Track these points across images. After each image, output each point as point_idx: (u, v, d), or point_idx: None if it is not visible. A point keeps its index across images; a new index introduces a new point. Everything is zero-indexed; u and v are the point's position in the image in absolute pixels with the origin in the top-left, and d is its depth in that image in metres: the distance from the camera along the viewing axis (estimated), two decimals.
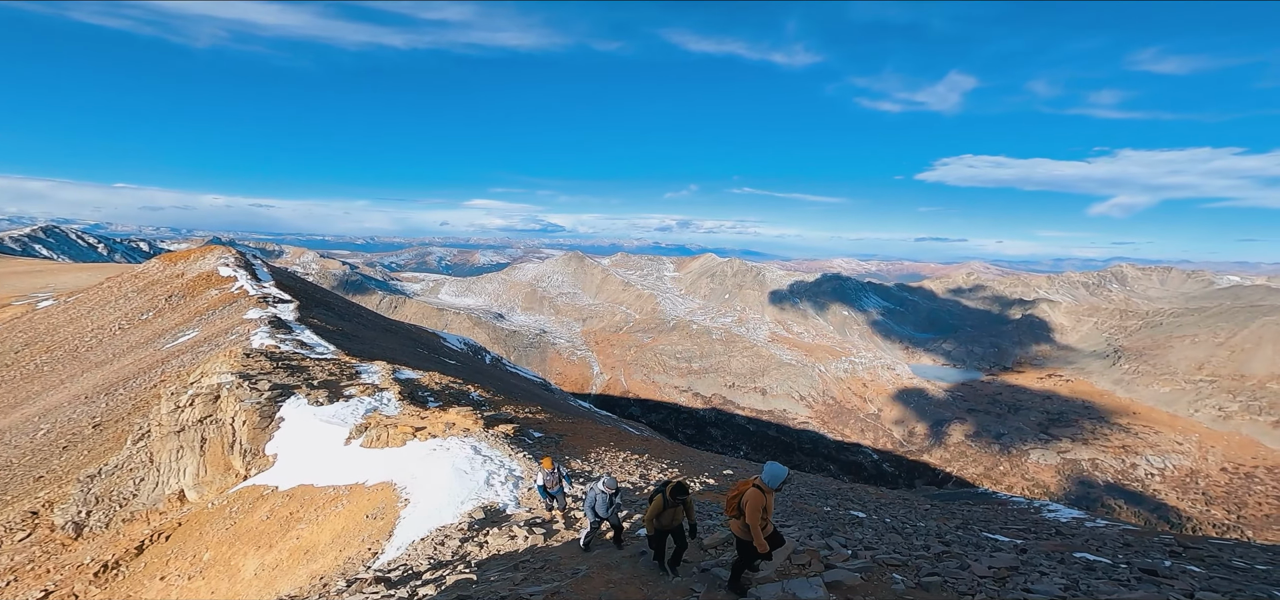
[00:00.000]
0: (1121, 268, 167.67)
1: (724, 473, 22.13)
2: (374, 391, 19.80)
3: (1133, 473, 79.32)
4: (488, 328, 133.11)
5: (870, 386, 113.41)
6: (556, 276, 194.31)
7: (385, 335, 44.27)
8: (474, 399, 24.41)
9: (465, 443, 13.86)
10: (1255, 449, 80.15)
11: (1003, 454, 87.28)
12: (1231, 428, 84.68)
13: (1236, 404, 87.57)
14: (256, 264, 55.84)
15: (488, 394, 26.51)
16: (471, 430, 15.93)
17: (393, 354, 33.86)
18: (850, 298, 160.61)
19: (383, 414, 16.76)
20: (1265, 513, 68.27)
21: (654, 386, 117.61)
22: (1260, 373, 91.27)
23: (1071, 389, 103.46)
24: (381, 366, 24.85)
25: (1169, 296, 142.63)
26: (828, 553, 7.34)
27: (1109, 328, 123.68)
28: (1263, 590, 7.40)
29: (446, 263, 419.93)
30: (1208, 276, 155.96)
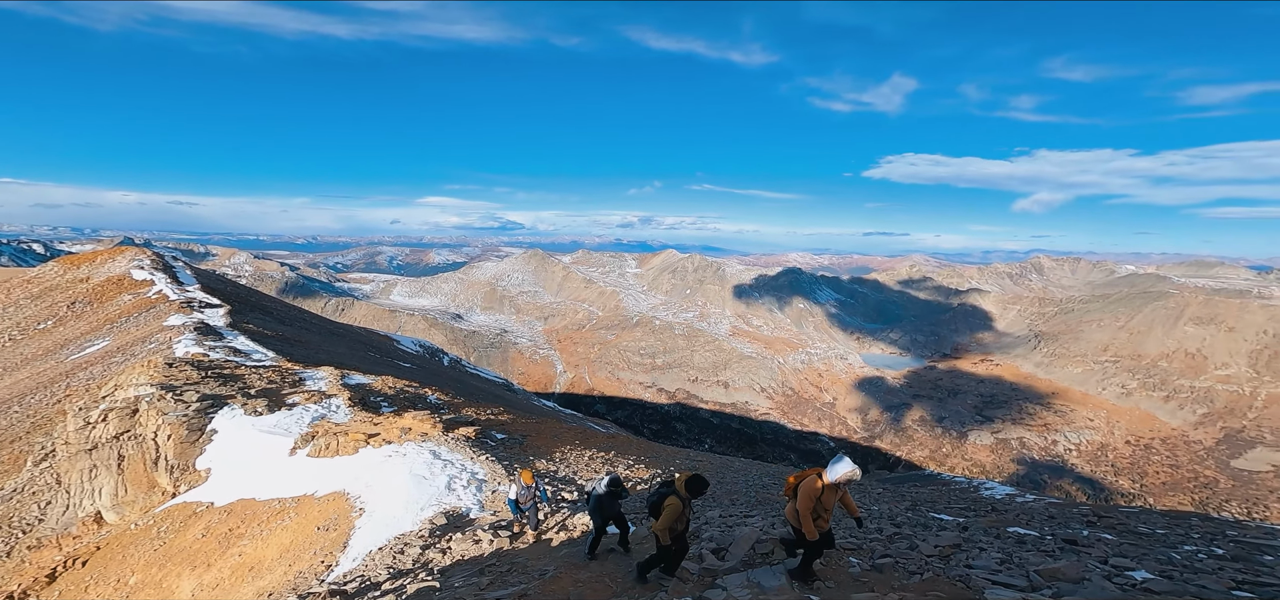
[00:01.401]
0: (1039, 259, 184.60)
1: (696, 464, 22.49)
2: (321, 398, 18.60)
3: (1054, 449, 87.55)
4: (445, 329, 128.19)
5: (825, 376, 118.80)
6: (517, 275, 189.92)
7: (332, 340, 41.67)
8: (432, 403, 23.47)
9: (423, 448, 13.30)
10: (1152, 422, 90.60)
11: (945, 436, 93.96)
12: (1132, 403, 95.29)
13: (1135, 381, 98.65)
14: (177, 266, 50.97)
15: (446, 397, 25.57)
16: (430, 435, 15.31)
17: (341, 359, 31.93)
18: (806, 291, 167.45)
19: (332, 422, 15.76)
20: (1162, 480, 77.30)
21: (619, 383, 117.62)
22: (1153, 352, 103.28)
23: (1002, 372, 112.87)
24: (329, 372, 23.38)
25: (1079, 285, 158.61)
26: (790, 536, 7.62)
27: (1031, 315, 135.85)
28: (1162, 553, 8.43)
29: (398, 262, 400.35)
30: (1110, 266, 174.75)
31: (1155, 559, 8.04)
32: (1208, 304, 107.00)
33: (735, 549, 6.91)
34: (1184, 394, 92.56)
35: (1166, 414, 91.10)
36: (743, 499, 14.73)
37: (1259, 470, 75.40)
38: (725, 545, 7.24)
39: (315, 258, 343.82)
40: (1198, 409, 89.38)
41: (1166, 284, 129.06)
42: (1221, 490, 72.48)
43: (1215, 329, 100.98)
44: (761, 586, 5.57)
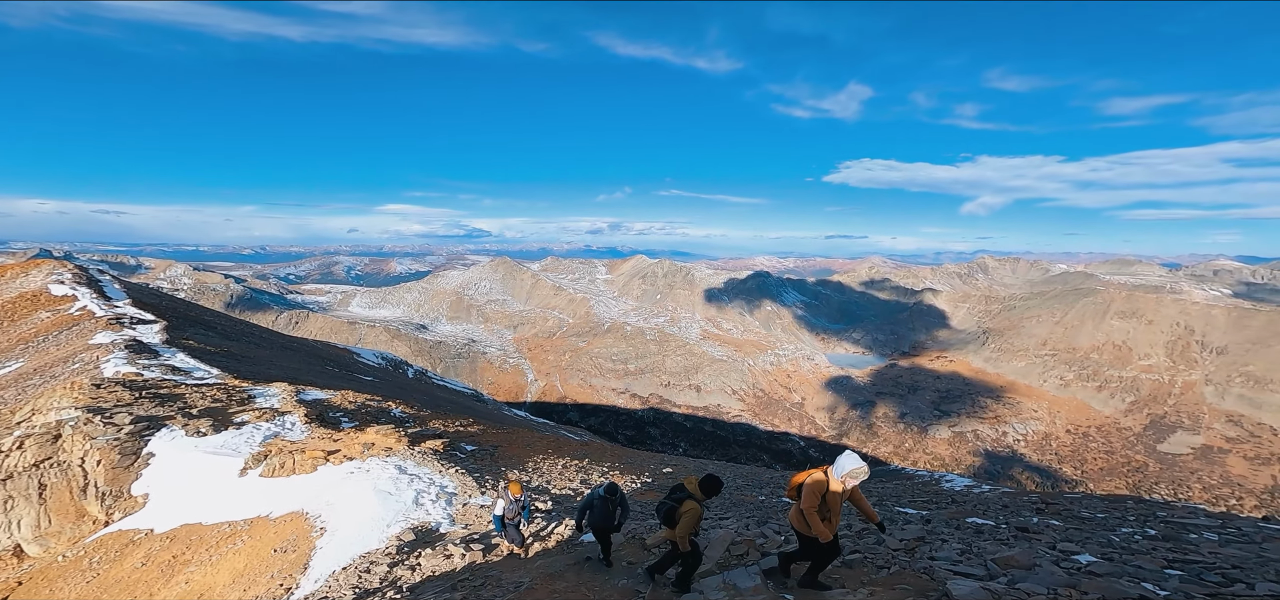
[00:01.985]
0: (985, 259, 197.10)
1: (664, 472, 22.51)
2: (274, 416, 17.47)
3: (1005, 440, 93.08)
4: (409, 340, 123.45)
5: (794, 377, 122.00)
6: (484, 283, 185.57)
7: (285, 354, 39.31)
8: (396, 416, 22.50)
9: (388, 463, 12.70)
10: (1088, 411, 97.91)
11: (908, 432, 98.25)
12: (1070, 394, 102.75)
13: (1072, 373, 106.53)
14: (104, 279, 46.91)
15: (412, 410, 24.60)
16: (395, 449, 14.65)
17: (296, 374, 30.15)
18: (773, 294, 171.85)
19: (286, 440, 14.81)
20: (1099, 466, 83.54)
21: (591, 390, 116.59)
22: (1085, 345, 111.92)
23: (956, 368, 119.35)
24: (282, 388, 22.04)
25: (1019, 283, 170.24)
26: (763, 541, 7.67)
27: (979, 312, 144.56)
28: (1103, 537, 9.12)
29: (357, 272, 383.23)
30: (1045, 265, 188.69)
31: (1097, 543, 8.67)
32: (1130, 299, 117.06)
33: (711, 552, 6.94)
34: (1114, 384, 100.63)
35: (1099, 403, 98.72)
36: (717, 502, 14.86)
37: (1180, 453, 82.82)
38: (701, 549, 7.29)
39: (265, 269, 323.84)
40: (1126, 397, 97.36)
41: (1094, 282, 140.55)
42: (1151, 473, 79.04)
43: (1137, 322, 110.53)
44: (737, 587, 5.58)
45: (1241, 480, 74.27)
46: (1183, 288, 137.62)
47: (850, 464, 5.14)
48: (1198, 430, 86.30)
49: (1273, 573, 6.46)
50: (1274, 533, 9.68)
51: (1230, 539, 8.92)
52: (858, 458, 5.16)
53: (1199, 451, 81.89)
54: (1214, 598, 5.18)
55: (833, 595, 5.44)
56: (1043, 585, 5.13)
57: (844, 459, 5.24)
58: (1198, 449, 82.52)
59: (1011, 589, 5.07)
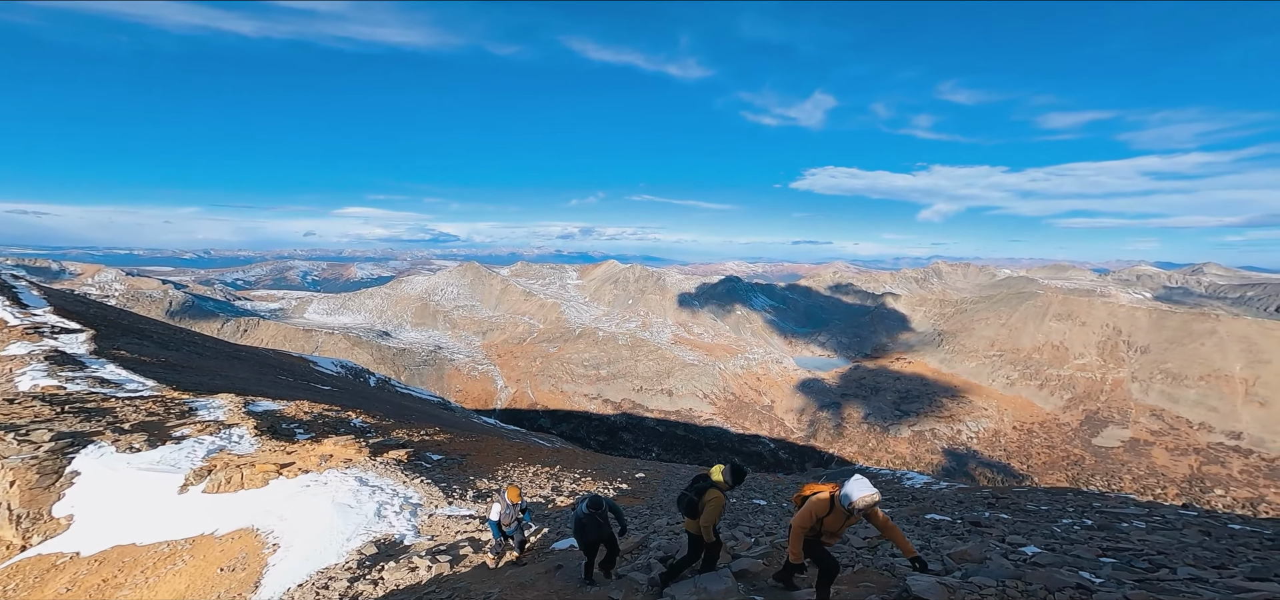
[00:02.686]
0: (939, 265, 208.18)
1: (636, 476, 22.46)
2: (219, 429, 16.33)
3: (959, 438, 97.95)
4: (371, 347, 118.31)
5: (763, 380, 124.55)
6: (451, 288, 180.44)
7: (232, 364, 36.88)
8: (356, 426, 21.49)
9: (348, 475, 12.10)
10: (1032, 409, 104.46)
11: (872, 432, 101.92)
12: (1016, 392, 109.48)
13: (1017, 372, 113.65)
14: (20, 286, 42.74)
15: (373, 419, 23.56)
16: (355, 460, 13.98)
17: (245, 385, 28.32)
18: (743, 299, 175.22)
19: (233, 454, 13.86)
20: (1043, 461, 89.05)
21: (563, 396, 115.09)
22: (1027, 346, 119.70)
23: (916, 369, 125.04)
24: (228, 399, 20.66)
25: (970, 287, 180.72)
26: (734, 543, 7.81)
27: (934, 315, 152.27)
28: (1047, 529, 9.80)
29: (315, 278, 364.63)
30: (992, 270, 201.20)
31: (1042, 534, 9.29)
32: (1066, 302, 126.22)
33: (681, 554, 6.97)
34: (1053, 382, 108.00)
35: (1041, 400, 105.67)
36: None
37: (1112, 446, 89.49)
38: (672, 553, 7.26)
39: (209, 273, 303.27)
40: (1064, 394, 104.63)
41: (1035, 286, 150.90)
42: (1088, 466, 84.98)
43: (1072, 324, 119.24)
44: (707, 590, 5.60)
45: (1164, 470, 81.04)
46: (1111, 292, 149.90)
47: (859, 491, 4.70)
48: (1126, 424, 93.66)
49: (1191, 557, 7.09)
50: (1193, 519, 10.64)
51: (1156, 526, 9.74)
52: (868, 484, 4.72)
53: (1128, 444, 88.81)
54: (1142, 583, 5.59)
55: (800, 595, 5.50)
56: (993, 577, 5.41)
57: (853, 485, 4.79)
58: (1126, 442, 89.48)
59: (965, 583, 5.32)
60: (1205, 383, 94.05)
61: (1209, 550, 7.63)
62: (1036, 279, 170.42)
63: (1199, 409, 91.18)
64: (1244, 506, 69.29)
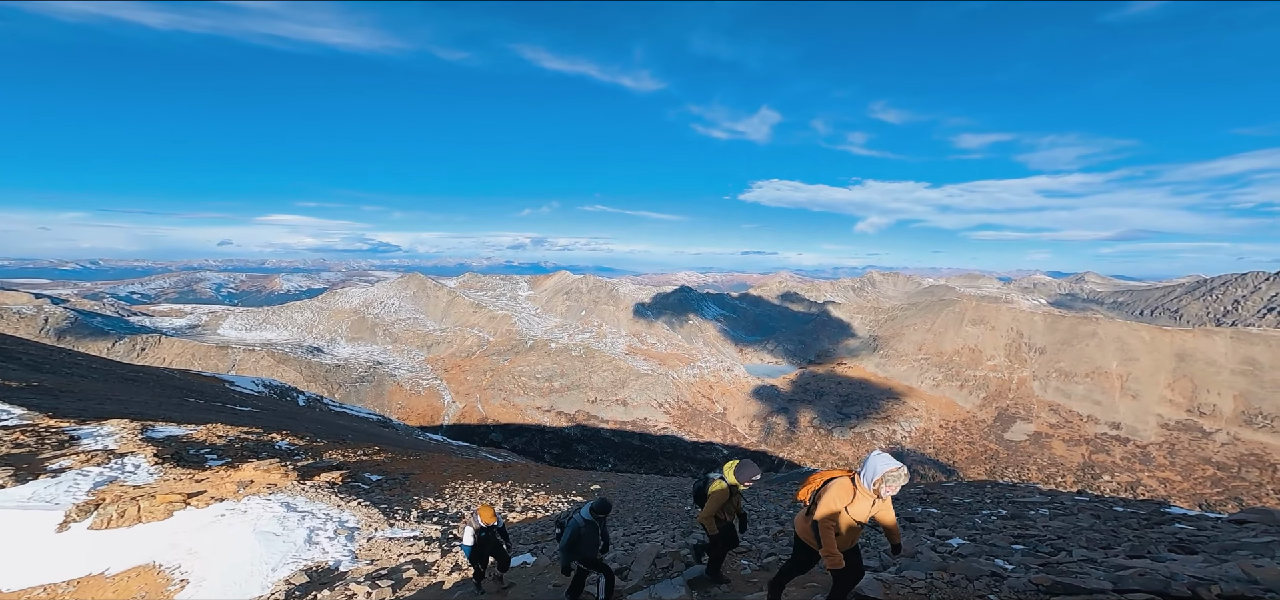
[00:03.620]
0: (872, 274, 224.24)
1: (592, 488, 22.14)
2: (108, 459, 14.27)
3: (894, 437, 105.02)
4: (299, 364, 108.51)
5: (716, 388, 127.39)
6: (392, 301, 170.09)
7: (125, 387, 32.48)
8: (282, 449, 19.56)
9: (272, 501, 10.96)
10: (955, 408, 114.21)
11: (817, 435, 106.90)
12: (941, 393, 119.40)
13: (941, 374, 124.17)
14: None
15: (302, 441, 21.58)
16: (280, 485, 12.72)
17: (142, 409, 24.98)
18: (695, 308, 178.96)
19: (127, 485, 12.13)
20: (966, 456, 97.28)
21: (515, 409, 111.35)
22: (949, 349, 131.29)
23: (855, 373, 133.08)
24: (120, 426, 18.14)
25: (899, 295, 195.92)
26: (687, 552, 7.84)
27: (870, 322, 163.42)
28: (970, 520, 10.73)
29: (231, 291, 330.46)
30: (918, 279, 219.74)
31: (965, 526, 10.15)
32: (978, 309, 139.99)
33: (637, 567, 6.93)
34: (971, 382, 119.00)
35: (962, 399, 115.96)
36: (645, 515, 14.90)
37: (1020, 440, 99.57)
38: (627, 564, 7.20)
39: (97, 286, 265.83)
40: (980, 393, 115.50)
41: (953, 294, 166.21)
42: (1002, 460, 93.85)
43: (984, 328, 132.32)
44: (661, 599, 5.61)
45: (1063, 460, 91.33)
46: (1013, 298, 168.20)
47: (886, 465, 3.96)
48: (1031, 419, 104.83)
49: (1084, 539, 8.05)
50: (1085, 504, 12.07)
51: (1057, 512, 10.96)
52: (892, 458, 4.07)
53: (1033, 437, 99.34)
54: (1045, 566, 6.23)
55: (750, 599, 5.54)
56: (923, 570, 5.80)
57: (876, 460, 4.06)
58: (1032, 435, 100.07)
59: (899, 577, 5.66)
60: (1090, 379, 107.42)
61: (1098, 532, 8.66)
62: (954, 287, 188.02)
63: (1086, 403, 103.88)
64: (1125, 490, 79.44)
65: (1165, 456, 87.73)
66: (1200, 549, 6.89)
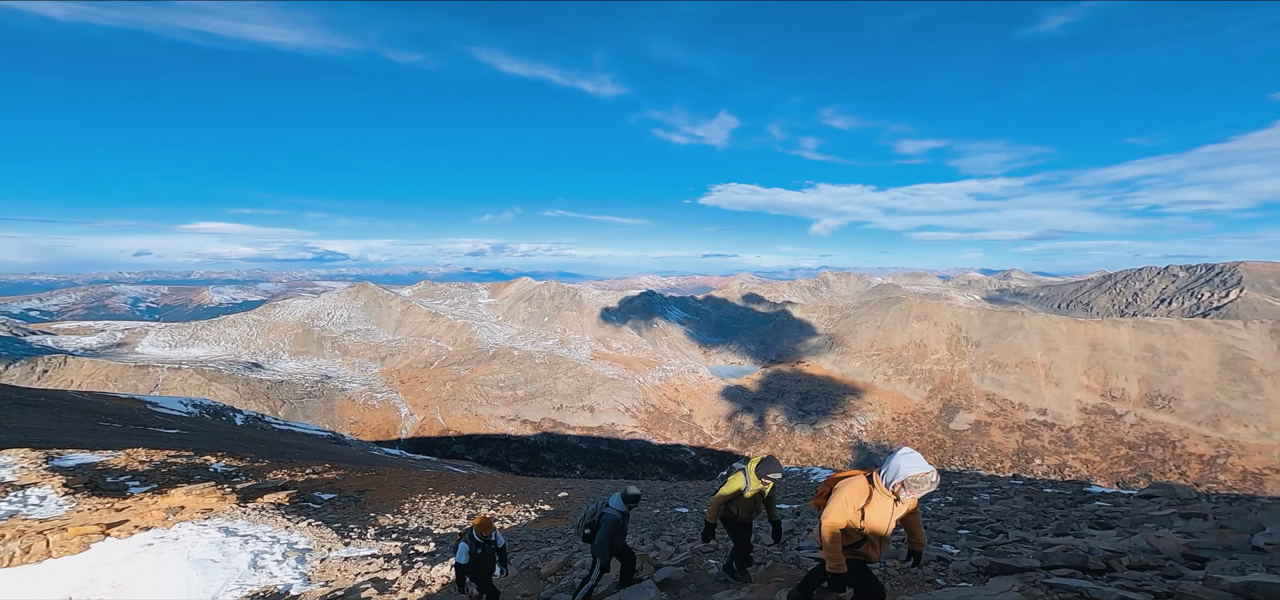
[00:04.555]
0: (826, 275, 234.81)
1: (559, 496, 21.75)
2: (6, 492, 12.59)
3: (852, 431, 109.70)
4: (235, 381, 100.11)
5: (681, 390, 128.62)
6: (340, 312, 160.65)
7: (23, 412, 28.85)
8: (217, 472, 17.97)
9: (208, 526, 10.03)
10: (905, 401, 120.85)
11: (780, 433, 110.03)
12: (892, 387, 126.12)
13: (891, 369, 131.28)
14: None
15: (241, 462, 19.93)
16: (217, 509, 11.68)
17: (47, 436, 22.24)
18: (660, 312, 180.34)
19: (32, 519, 10.72)
20: (918, 446, 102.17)
21: (478, 420, 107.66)
22: (897, 345, 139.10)
23: (814, 371, 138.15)
24: (19, 455, 16.10)
25: (851, 294, 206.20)
26: (656, 553, 7.94)
27: (825, 321, 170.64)
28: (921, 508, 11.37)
29: (151, 305, 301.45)
30: (867, 279, 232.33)
31: None
32: (922, 306, 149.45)
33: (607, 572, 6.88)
34: (918, 376, 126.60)
35: (911, 392, 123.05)
36: None
37: (963, 429, 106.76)
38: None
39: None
40: (926, 386, 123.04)
41: (900, 292, 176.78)
42: (948, 449, 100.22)
43: (928, 324, 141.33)
44: None
45: (1000, 447, 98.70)
46: (952, 295, 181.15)
47: (910, 467, 3.51)
48: (971, 409, 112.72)
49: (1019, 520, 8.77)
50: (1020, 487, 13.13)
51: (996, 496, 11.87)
52: (920, 459, 3.56)
53: (973, 426, 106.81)
54: (986, 548, 6.72)
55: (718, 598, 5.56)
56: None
57: (900, 460, 3.60)
58: (973, 424, 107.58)
59: None
60: (1019, 369, 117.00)
61: (1031, 513, 9.44)
62: (900, 286, 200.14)
63: (1017, 391, 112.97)
64: (1054, 472, 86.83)
65: (1086, 439, 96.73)
66: (1115, 524, 7.67)
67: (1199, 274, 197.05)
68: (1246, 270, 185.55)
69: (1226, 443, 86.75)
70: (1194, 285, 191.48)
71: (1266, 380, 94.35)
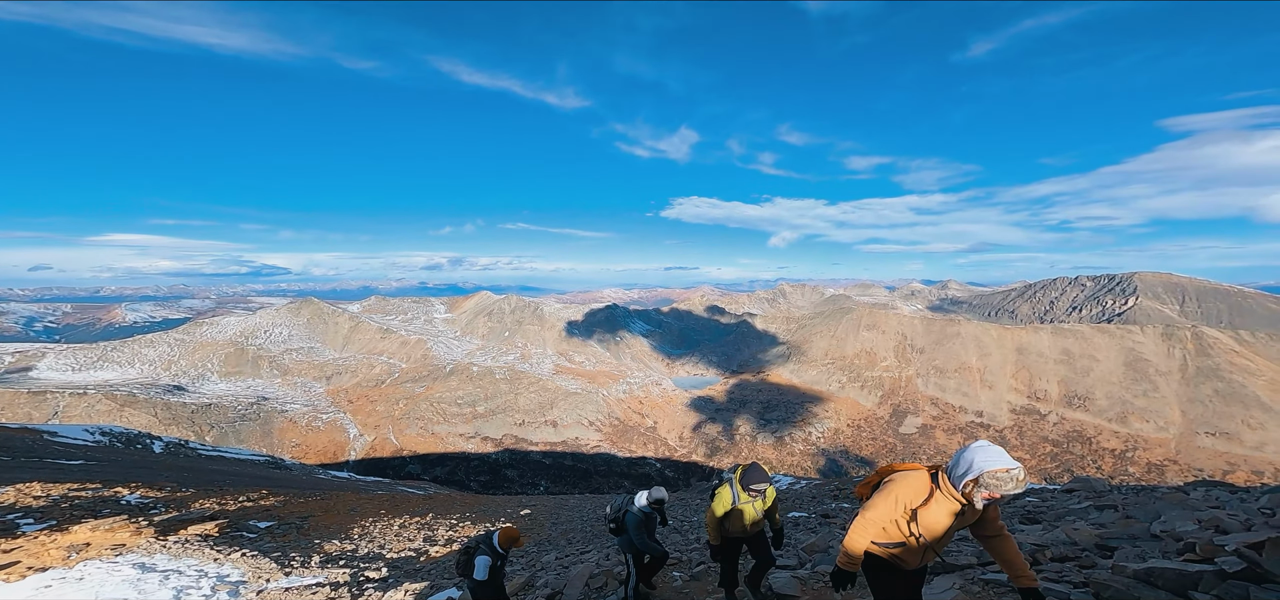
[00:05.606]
0: (783, 286, 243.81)
1: (521, 513, 21.00)
2: None
3: (811, 438, 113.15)
4: (153, 406, 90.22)
5: (645, 403, 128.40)
6: (280, 329, 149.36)
7: None
8: (131, 504, 16.02)
9: (119, 563, 8.87)
10: (858, 407, 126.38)
11: (743, 442, 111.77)
12: (846, 394, 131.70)
13: (845, 377, 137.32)
14: None
15: (161, 492, 17.89)
16: (130, 544, 10.39)
17: None
18: (623, 325, 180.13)
19: None
20: (870, 451, 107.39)
21: (435, 438, 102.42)
22: (850, 353, 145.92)
23: (773, 380, 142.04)
24: None
25: (807, 305, 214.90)
26: (621, 569, 7.75)
27: (784, 331, 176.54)
28: None
29: (49, 324, 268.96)
30: (821, 290, 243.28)
31: None
32: (871, 315, 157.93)
33: (569, 590, 6.74)
34: (870, 383, 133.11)
35: (863, 399, 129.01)
36: (578, 536, 14.50)
37: (911, 433, 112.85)
38: (560, 588, 6.93)
39: None
40: (877, 392, 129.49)
41: (851, 302, 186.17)
42: (899, 451, 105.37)
43: (877, 333, 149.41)
44: None
45: (944, 448, 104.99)
46: (898, 305, 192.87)
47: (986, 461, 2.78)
48: (918, 413, 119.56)
49: None
50: None
51: None
52: (1000, 452, 2.82)
53: (920, 429, 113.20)
54: None
55: None
56: (833, 563, 6.14)
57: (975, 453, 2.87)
58: (919, 427, 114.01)
59: (814, 573, 5.99)
60: (958, 374, 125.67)
61: None
62: (851, 296, 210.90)
63: (957, 395, 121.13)
64: None
65: (1016, 437, 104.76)
66: (1042, 518, 8.28)
67: (1103, 283, 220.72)
68: (1140, 280, 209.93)
69: (1133, 437, 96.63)
70: (1099, 294, 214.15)
71: (1161, 379, 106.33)
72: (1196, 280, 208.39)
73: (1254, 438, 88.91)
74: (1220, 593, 3.62)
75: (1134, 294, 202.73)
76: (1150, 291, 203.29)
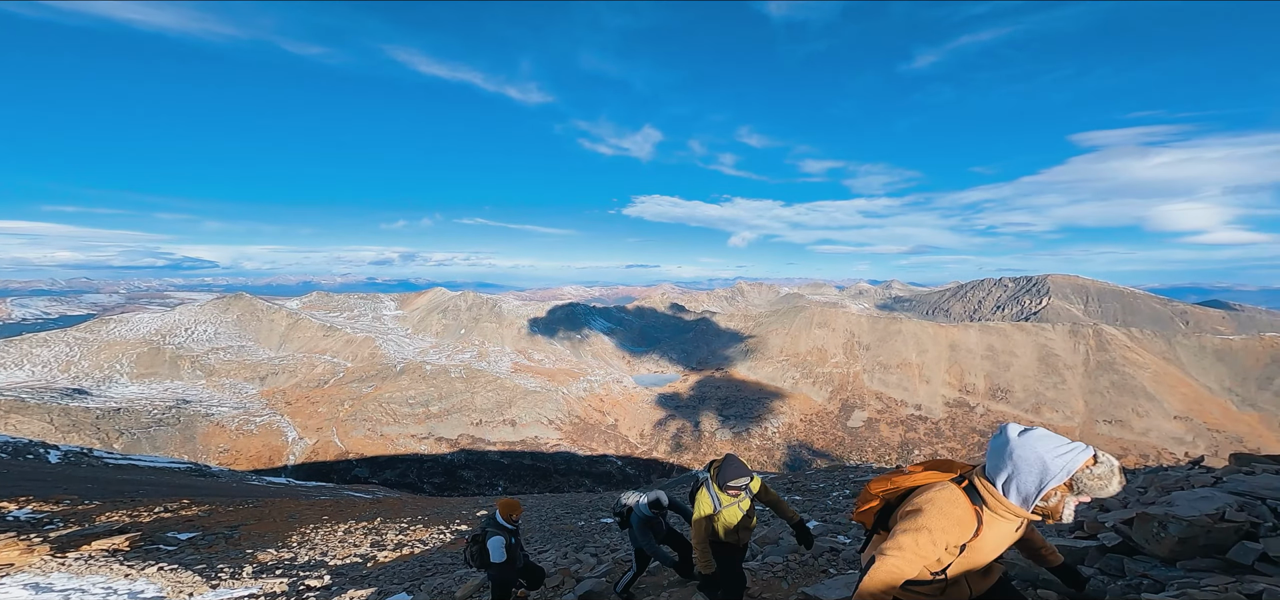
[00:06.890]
0: (741, 285, 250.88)
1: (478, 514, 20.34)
2: None
3: (767, 433, 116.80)
4: (48, 411, 79.73)
5: (606, 401, 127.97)
6: (205, 326, 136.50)
7: None
8: (19, 519, 14.12)
9: (8, 583, 7.76)
10: (810, 403, 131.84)
11: (702, 438, 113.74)
12: (800, 391, 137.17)
13: (798, 373, 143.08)
14: None
15: (57, 506, 15.89)
16: (20, 564, 9.15)
17: None
18: (584, 322, 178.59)
19: None
20: (822, 444, 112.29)
21: (384, 440, 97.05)
22: (803, 350, 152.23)
23: (731, 377, 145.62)
24: None
25: (763, 303, 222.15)
26: (578, 566, 7.75)
27: (741, 328, 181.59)
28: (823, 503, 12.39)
29: None
30: (777, 288, 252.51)
31: (820, 508, 11.71)
32: (822, 313, 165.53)
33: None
34: (821, 379, 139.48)
35: (815, 394, 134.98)
36: (537, 535, 14.28)
37: (858, 427, 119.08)
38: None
39: None
40: (827, 388, 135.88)
41: (804, 301, 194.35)
42: (847, 445, 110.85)
43: (827, 330, 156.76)
44: None
45: (888, 440, 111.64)
46: (846, 304, 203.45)
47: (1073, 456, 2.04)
48: (865, 408, 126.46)
49: None
50: None
51: None
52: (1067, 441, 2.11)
53: (867, 423, 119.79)
54: None
55: None
56: (781, 554, 6.39)
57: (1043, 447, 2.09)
58: (866, 421, 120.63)
59: (764, 564, 6.02)
60: (900, 369, 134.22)
61: None
62: (804, 295, 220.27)
63: (899, 390, 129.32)
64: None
65: (950, 429, 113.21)
66: None
67: (1022, 284, 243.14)
68: (1052, 282, 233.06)
69: (1045, 426, 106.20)
70: (1019, 294, 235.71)
71: (1068, 372, 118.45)
72: (1098, 282, 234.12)
73: (1141, 425, 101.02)
74: (1102, 565, 3.97)
75: (1047, 294, 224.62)
76: (1060, 292, 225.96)
